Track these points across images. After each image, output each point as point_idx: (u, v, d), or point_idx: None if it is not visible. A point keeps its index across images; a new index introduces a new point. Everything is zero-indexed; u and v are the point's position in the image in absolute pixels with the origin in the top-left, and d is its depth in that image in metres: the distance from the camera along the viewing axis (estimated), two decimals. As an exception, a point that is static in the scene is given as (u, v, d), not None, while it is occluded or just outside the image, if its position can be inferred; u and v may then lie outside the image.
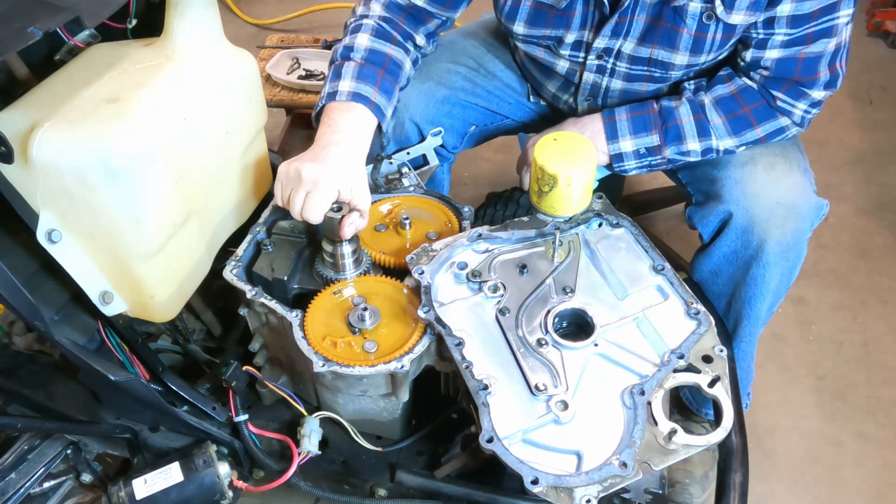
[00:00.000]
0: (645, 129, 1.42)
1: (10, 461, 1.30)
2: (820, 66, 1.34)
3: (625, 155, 1.44)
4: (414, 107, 1.61)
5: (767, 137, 1.41)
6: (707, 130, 1.40)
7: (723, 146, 1.41)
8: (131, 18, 1.24)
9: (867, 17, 3.49)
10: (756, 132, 1.40)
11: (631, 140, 1.42)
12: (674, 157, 1.43)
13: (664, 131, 1.41)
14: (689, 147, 1.41)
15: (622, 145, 1.43)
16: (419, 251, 1.22)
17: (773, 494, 1.84)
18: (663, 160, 1.44)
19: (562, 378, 1.06)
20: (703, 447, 0.99)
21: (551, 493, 0.94)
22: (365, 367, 1.10)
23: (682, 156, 1.43)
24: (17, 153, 1.01)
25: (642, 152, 1.43)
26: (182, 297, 1.28)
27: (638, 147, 1.43)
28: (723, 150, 1.42)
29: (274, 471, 1.24)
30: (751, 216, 1.38)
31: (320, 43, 2.68)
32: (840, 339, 2.22)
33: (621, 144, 1.43)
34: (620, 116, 1.43)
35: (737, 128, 1.39)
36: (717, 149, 1.41)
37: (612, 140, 1.43)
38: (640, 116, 1.42)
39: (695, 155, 1.42)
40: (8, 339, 1.40)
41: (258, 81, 1.32)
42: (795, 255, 1.41)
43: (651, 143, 1.42)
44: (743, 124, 1.39)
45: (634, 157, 1.44)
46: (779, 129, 1.40)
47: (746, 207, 1.39)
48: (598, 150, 1.44)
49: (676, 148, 1.42)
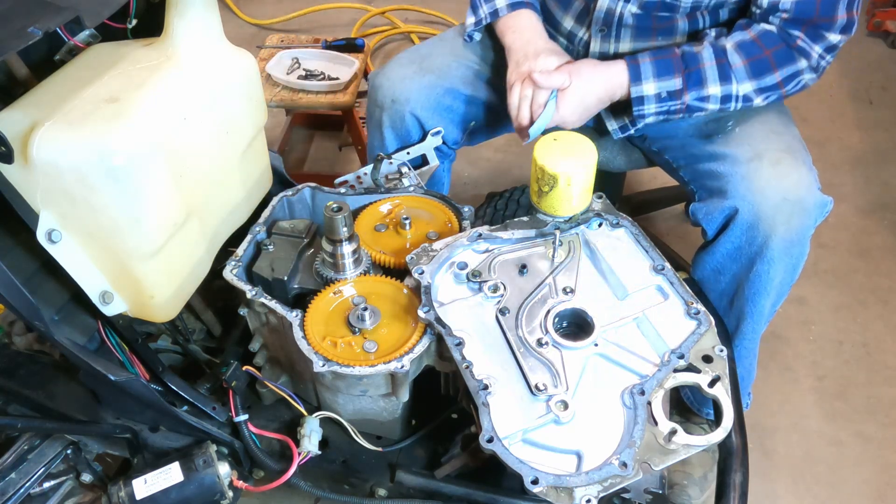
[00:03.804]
0: (668, 72, 1.42)
1: (10, 461, 1.30)
2: (838, 7, 1.36)
3: (646, 98, 1.44)
4: (415, 100, 1.61)
5: (785, 83, 1.42)
6: (728, 75, 1.41)
7: (742, 91, 1.42)
8: (131, 18, 1.24)
9: (867, 17, 3.49)
10: (775, 76, 1.41)
11: (654, 83, 1.43)
12: (692, 104, 1.44)
13: (686, 75, 1.42)
14: (710, 91, 1.42)
15: (645, 87, 1.43)
16: (419, 251, 1.22)
17: (773, 494, 1.85)
18: (682, 105, 1.44)
19: (562, 378, 1.06)
20: (703, 447, 0.99)
21: (551, 493, 0.94)
22: (365, 367, 1.10)
23: (702, 101, 1.43)
24: (17, 153, 1.01)
25: (663, 96, 1.43)
26: (182, 297, 1.28)
27: (660, 90, 1.43)
28: (742, 98, 1.43)
29: (274, 471, 1.24)
30: (756, 212, 1.38)
31: (320, 43, 2.68)
32: (840, 339, 2.22)
33: (644, 87, 1.43)
34: (644, 59, 1.44)
35: (757, 71, 1.41)
36: (736, 95, 1.42)
37: (635, 82, 1.43)
38: (663, 60, 1.43)
39: (714, 101, 1.43)
40: (8, 339, 1.40)
41: (258, 81, 1.32)
42: (799, 251, 1.41)
43: (673, 86, 1.42)
44: (763, 68, 1.40)
45: (655, 101, 1.44)
46: (796, 72, 1.41)
47: (752, 203, 1.39)
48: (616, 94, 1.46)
49: (697, 93, 1.42)
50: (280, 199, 1.40)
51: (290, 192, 1.41)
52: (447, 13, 3.69)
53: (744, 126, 1.51)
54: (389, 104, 1.63)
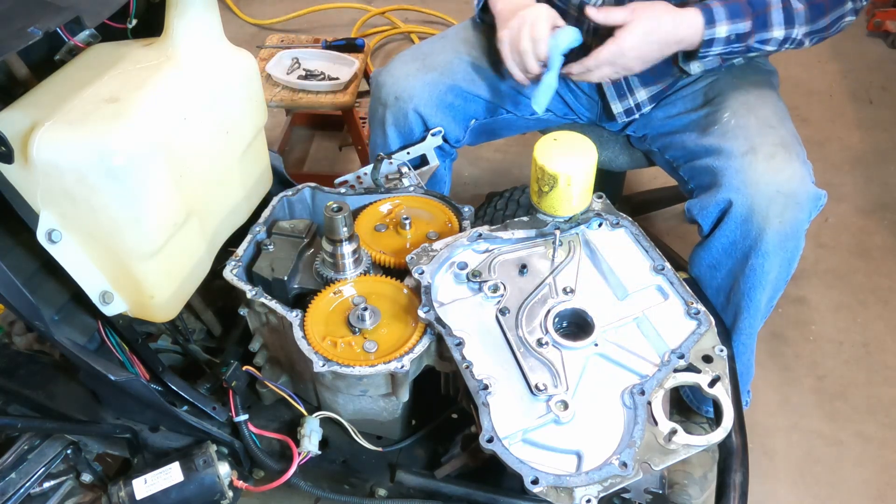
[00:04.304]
0: (739, 14, 1.42)
1: (10, 461, 1.30)
2: None
3: (716, 41, 1.44)
4: (418, 97, 1.61)
5: (831, 25, 1.46)
6: (792, 18, 1.43)
7: (799, 34, 1.44)
8: (131, 18, 1.24)
9: (867, 17, 3.49)
10: (825, 20, 1.44)
11: (726, 25, 1.42)
12: (754, 46, 1.45)
13: (755, 18, 1.42)
14: (773, 34, 1.44)
15: (718, 30, 1.42)
16: (419, 251, 1.22)
17: (773, 494, 1.85)
18: (743, 49, 1.46)
19: (562, 378, 1.06)
20: (703, 447, 0.99)
21: (551, 493, 0.94)
22: (365, 367, 1.10)
23: (762, 44, 1.45)
24: (17, 153, 1.01)
25: (732, 38, 1.43)
26: (182, 297, 1.28)
27: (730, 33, 1.43)
28: (797, 41, 1.45)
29: (274, 471, 1.24)
30: (750, 204, 1.39)
31: (320, 43, 2.68)
32: (840, 339, 2.22)
33: (717, 29, 1.42)
34: (714, 3, 1.43)
35: (814, 15, 1.43)
36: (793, 38, 1.44)
37: (709, 24, 1.42)
38: (732, 4, 1.43)
39: (773, 44, 1.45)
40: (8, 339, 1.40)
41: (258, 81, 1.32)
42: (794, 245, 1.41)
43: (742, 29, 1.43)
44: (819, 11, 1.43)
45: (724, 44, 1.44)
46: (840, 16, 1.45)
47: (746, 195, 1.39)
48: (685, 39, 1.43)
49: (761, 35, 1.44)
50: (280, 199, 1.40)
51: (290, 192, 1.41)
52: (447, 13, 3.69)
53: (739, 120, 1.52)
54: (393, 102, 1.63)
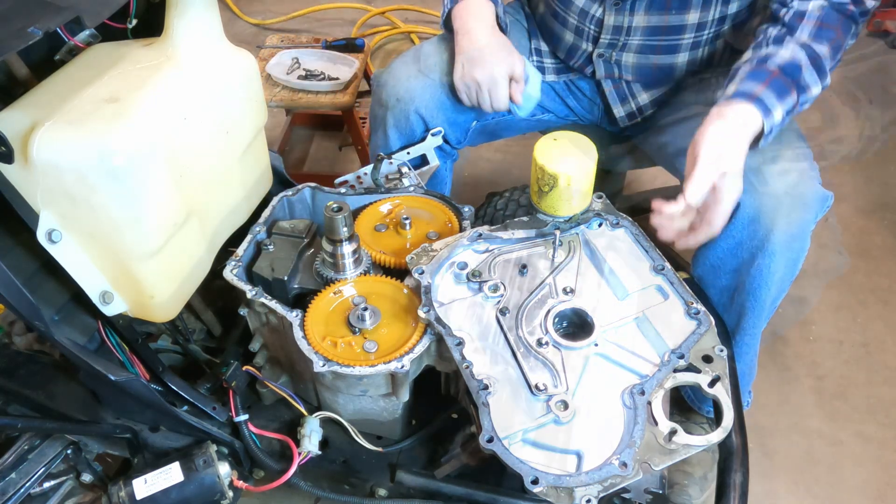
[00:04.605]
0: (785, 91, 1.35)
1: (10, 461, 1.30)
2: None
3: (775, 126, 1.36)
4: (419, 98, 1.61)
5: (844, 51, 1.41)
6: (823, 68, 1.37)
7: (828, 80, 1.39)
8: (131, 18, 1.24)
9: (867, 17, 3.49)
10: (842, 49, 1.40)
11: (780, 107, 1.35)
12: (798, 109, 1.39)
13: (796, 87, 1.36)
14: (812, 93, 1.38)
15: (776, 116, 1.35)
16: (419, 251, 1.22)
17: (773, 494, 1.85)
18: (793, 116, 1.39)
19: (562, 378, 1.06)
20: (703, 447, 0.99)
21: (551, 493, 0.94)
22: (365, 367, 1.10)
23: (805, 103, 1.39)
24: (17, 153, 1.01)
25: (785, 117, 1.36)
26: (182, 297, 1.28)
27: (784, 114, 1.35)
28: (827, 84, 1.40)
29: (274, 471, 1.24)
30: (758, 206, 1.38)
31: (320, 43, 2.68)
32: (840, 339, 2.22)
33: (775, 116, 1.34)
34: (758, 90, 1.34)
35: (835, 51, 1.38)
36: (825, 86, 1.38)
37: (767, 116, 1.34)
38: (773, 81, 1.34)
39: (811, 101, 1.39)
40: (8, 339, 1.40)
41: (258, 81, 1.32)
42: (800, 245, 1.41)
43: (791, 104, 1.36)
44: (838, 47, 1.38)
45: (780, 126, 1.37)
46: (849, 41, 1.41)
47: (754, 197, 1.38)
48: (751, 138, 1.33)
49: (803, 98, 1.37)
50: (280, 199, 1.40)
51: (290, 192, 1.41)
52: (447, 13, 3.68)
53: None
54: (394, 103, 1.63)
